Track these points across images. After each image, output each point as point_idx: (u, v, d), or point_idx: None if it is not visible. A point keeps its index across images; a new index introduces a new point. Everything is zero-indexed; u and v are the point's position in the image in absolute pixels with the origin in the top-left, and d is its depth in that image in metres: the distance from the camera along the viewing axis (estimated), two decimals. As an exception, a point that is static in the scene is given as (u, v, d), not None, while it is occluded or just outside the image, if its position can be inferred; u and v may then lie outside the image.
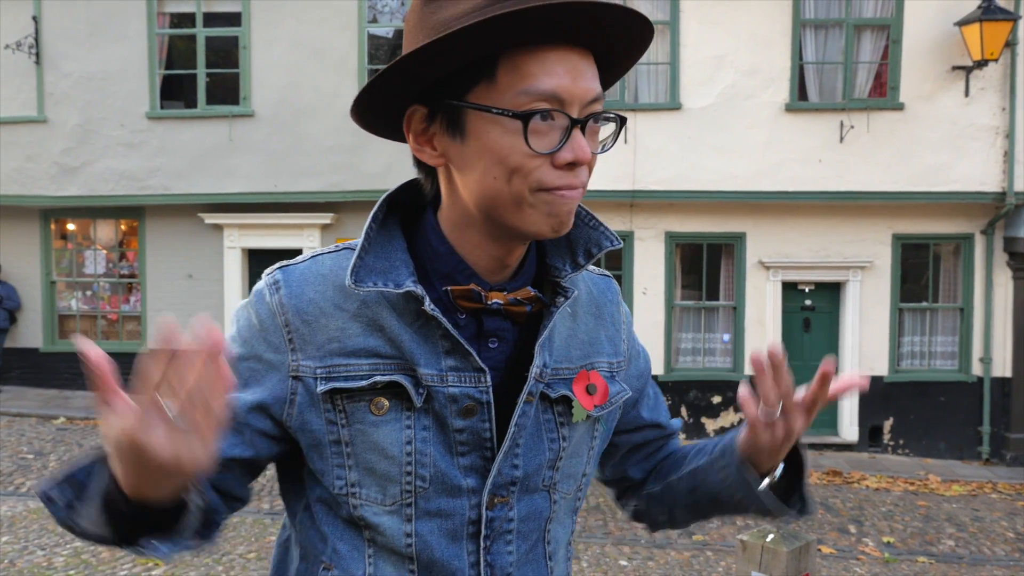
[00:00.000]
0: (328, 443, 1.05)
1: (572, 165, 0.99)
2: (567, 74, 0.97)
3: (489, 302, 1.07)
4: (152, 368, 0.77)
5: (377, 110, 1.06)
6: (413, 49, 0.96)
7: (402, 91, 1.02)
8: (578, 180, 1.00)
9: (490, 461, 1.08)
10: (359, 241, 1.06)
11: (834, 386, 1.08)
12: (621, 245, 1.19)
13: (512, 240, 1.06)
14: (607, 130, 1.08)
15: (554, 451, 1.13)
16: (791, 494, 1.24)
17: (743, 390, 1.11)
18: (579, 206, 1.11)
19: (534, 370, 1.08)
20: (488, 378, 1.06)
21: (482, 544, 1.09)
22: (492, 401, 1.07)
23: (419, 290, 1.02)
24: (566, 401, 1.13)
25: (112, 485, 0.87)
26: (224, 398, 0.80)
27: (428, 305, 1.02)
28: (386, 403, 1.04)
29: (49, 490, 0.93)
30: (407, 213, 1.14)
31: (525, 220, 1.01)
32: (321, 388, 1.03)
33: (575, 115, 0.98)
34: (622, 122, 1.07)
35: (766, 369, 1.06)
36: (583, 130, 0.99)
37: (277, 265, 1.10)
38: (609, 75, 1.09)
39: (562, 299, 1.11)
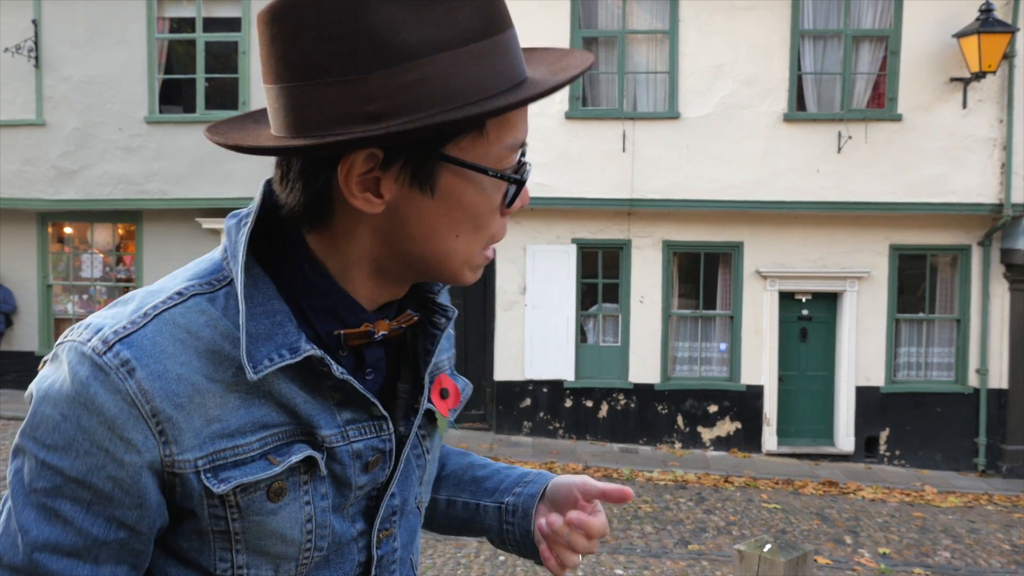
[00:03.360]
0: (212, 532, 0.89)
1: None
2: (523, 124, 0.91)
3: (376, 335, 0.95)
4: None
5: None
6: (427, 120, 0.80)
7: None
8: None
9: (375, 500, 1.00)
10: (240, 304, 0.86)
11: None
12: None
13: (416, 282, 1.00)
14: None
15: (421, 467, 1.07)
16: None
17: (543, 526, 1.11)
18: None
19: (424, 400, 1.02)
20: (391, 425, 0.97)
21: None
22: (395, 447, 0.99)
23: (319, 353, 0.88)
24: (428, 415, 1.05)
25: None
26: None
27: (336, 370, 0.89)
28: (283, 486, 0.90)
29: None
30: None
31: (461, 276, 0.94)
32: (218, 489, 0.86)
33: None
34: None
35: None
36: None
37: (107, 333, 0.84)
38: None
39: (442, 319, 1.04)
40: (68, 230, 12.04)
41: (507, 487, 1.24)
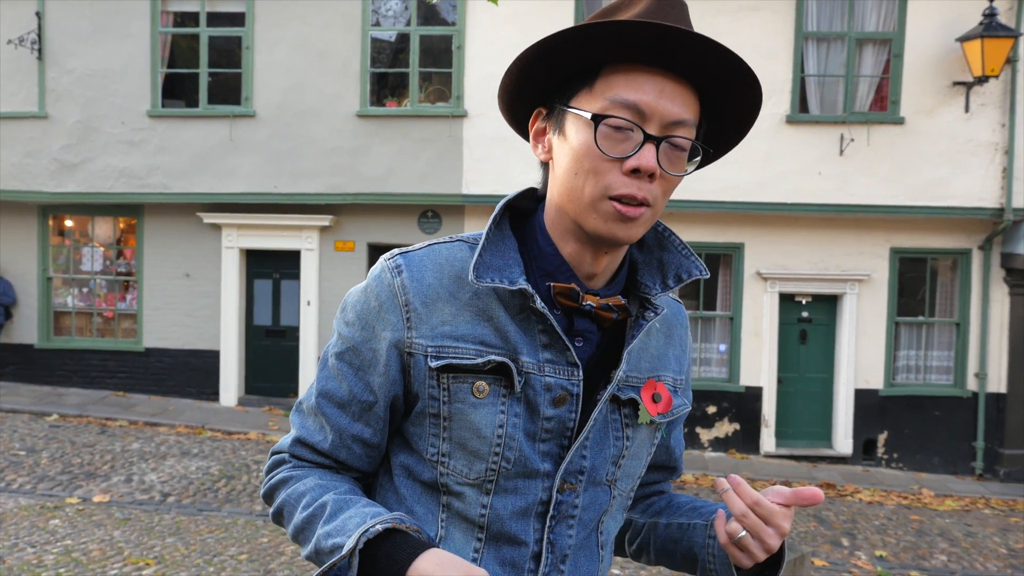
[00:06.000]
0: (428, 415, 1.17)
1: (636, 172, 1.08)
2: (652, 91, 1.08)
3: (583, 303, 1.17)
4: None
5: (515, 108, 1.24)
6: (536, 42, 1.11)
7: (531, 92, 1.19)
8: (641, 192, 1.08)
9: (565, 449, 1.19)
10: (481, 239, 1.17)
11: (793, 499, 1.15)
12: (708, 275, 1.28)
13: (593, 244, 1.16)
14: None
15: (618, 448, 1.23)
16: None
17: (718, 521, 1.20)
18: (675, 236, 1.29)
19: (619, 373, 1.19)
20: (580, 372, 1.17)
21: (548, 524, 1.19)
22: (581, 394, 1.18)
23: (529, 288, 1.13)
24: (633, 404, 1.24)
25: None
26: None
27: (538, 303, 1.13)
28: (486, 387, 1.14)
29: None
30: (517, 216, 1.26)
31: (591, 222, 1.12)
32: (434, 364, 1.14)
33: (654, 132, 1.08)
34: (705, 155, 1.18)
35: (730, 489, 1.17)
36: (658, 147, 1.08)
37: (396, 251, 1.21)
38: (721, 135, 1.24)
39: (651, 313, 1.22)
40: (69, 223, 12.03)
41: (716, 508, 1.34)
